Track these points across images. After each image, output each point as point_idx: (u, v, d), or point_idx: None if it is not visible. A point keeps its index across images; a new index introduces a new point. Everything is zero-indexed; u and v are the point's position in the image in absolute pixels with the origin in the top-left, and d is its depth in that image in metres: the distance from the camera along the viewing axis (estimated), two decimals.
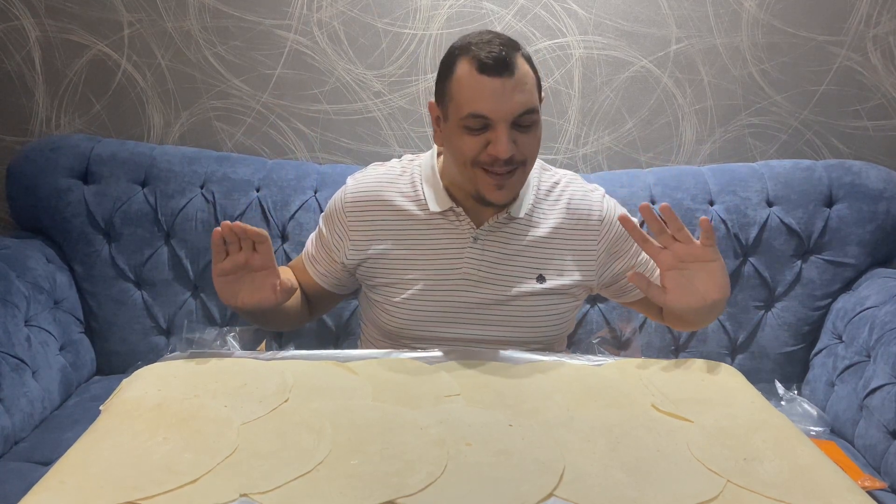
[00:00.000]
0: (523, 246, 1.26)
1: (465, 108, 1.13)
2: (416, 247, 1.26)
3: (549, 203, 1.30)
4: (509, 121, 1.12)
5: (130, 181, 1.72)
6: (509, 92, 1.11)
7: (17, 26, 1.80)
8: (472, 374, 1.05)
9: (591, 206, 1.30)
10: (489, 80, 1.11)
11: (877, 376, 1.43)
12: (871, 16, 1.81)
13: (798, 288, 1.73)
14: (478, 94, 1.11)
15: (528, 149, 1.16)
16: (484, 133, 1.13)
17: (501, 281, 1.25)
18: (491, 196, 1.18)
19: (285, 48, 1.83)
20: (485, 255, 1.25)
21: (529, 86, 1.14)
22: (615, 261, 1.32)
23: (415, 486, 0.77)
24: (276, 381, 0.99)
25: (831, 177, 1.73)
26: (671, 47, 1.84)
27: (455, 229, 1.26)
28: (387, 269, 1.27)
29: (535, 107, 1.15)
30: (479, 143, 1.14)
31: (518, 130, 1.14)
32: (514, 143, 1.13)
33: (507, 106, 1.11)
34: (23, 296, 1.49)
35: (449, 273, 1.25)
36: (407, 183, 1.29)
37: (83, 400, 1.58)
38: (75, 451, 0.83)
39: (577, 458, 0.84)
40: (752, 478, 0.81)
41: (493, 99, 1.11)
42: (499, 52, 1.11)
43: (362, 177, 1.32)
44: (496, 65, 1.10)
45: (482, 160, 1.15)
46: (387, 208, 1.27)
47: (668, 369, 1.09)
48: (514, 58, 1.12)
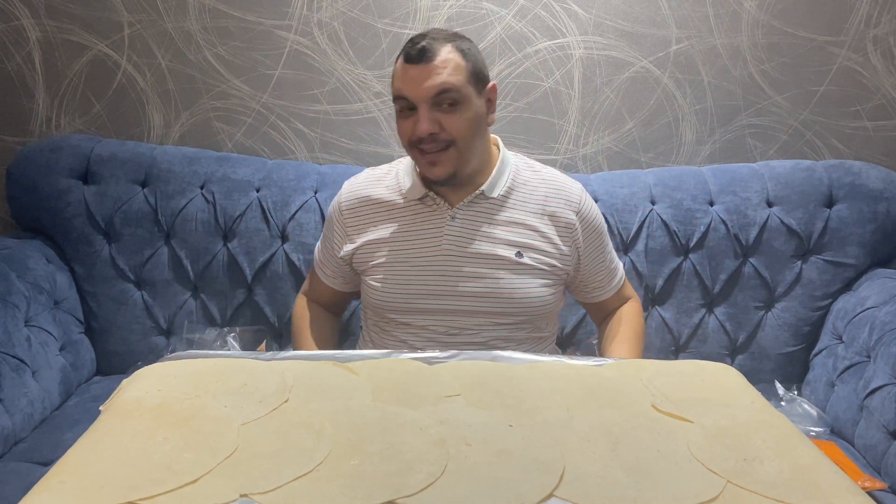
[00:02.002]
0: (501, 224, 1.36)
1: (394, 93, 1.29)
2: (400, 230, 1.37)
3: (529, 188, 1.40)
4: (427, 101, 1.25)
5: (130, 181, 1.72)
6: (426, 75, 1.25)
7: (18, 26, 1.80)
8: (472, 374, 1.05)
9: (569, 195, 1.41)
10: (410, 67, 1.26)
11: (877, 377, 1.43)
12: (872, 16, 1.81)
13: (798, 288, 1.73)
14: (400, 79, 1.27)
15: (454, 127, 1.27)
16: (412, 115, 1.27)
17: (480, 255, 1.34)
18: (427, 172, 1.31)
19: (285, 48, 1.83)
20: (463, 231, 1.35)
21: (450, 69, 1.25)
22: (588, 255, 1.42)
23: (415, 486, 0.77)
24: (277, 382, 0.99)
25: (831, 177, 1.73)
26: (671, 48, 1.84)
27: (433, 212, 1.37)
28: (375, 252, 1.38)
29: (452, 87, 1.25)
30: (410, 125, 1.28)
31: (440, 111, 1.26)
32: (437, 123, 1.26)
33: (422, 87, 1.25)
34: (23, 296, 1.49)
35: (431, 250, 1.35)
36: (392, 178, 1.43)
37: (83, 400, 1.58)
38: (75, 451, 0.83)
39: (577, 458, 0.84)
40: (752, 478, 0.81)
41: (411, 82, 1.25)
42: (423, 43, 1.25)
43: (354, 180, 1.47)
44: (416, 54, 1.25)
45: (413, 141, 1.29)
46: (374, 203, 1.41)
47: (668, 369, 1.09)
48: (436, 47, 1.25)
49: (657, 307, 1.75)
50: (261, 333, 1.71)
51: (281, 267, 1.71)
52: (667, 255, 1.73)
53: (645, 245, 1.73)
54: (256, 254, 1.72)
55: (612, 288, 1.48)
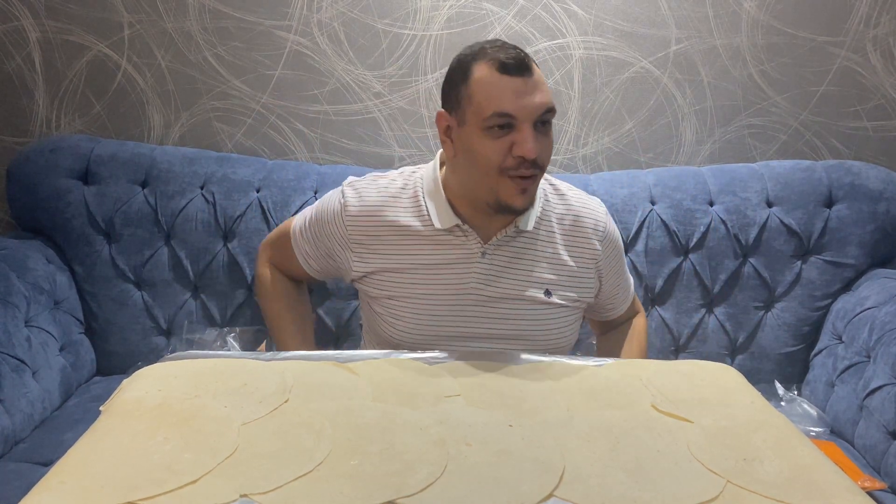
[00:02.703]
0: (530, 259, 1.26)
1: (488, 108, 1.11)
2: (421, 263, 1.24)
3: (557, 216, 1.29)
4: (533, 119, 1.12)
5: (130, 182, 1.72)
6: (531, 90, 1.11)
7: (18, 27, 1.80)
8: (472, 374, 1.05)
9: (596, 221, 1.32)
10: (511, 80, 1.11)
11: (877, 377, 1.43)
12: (871, 16, 1.81)
13: (798, 288, 1.73)
14: (501, 92, 1.11)
15: (546, 153, 1.16)
16: (508, 135, 1.12)
17: (508, 295, 1.24)
18: (514, 202, 1.16)
19: (285, 49, 1.83)
20: (492, 269, 1.24)
21: (546, 86, 1.15)
22: (609, 278, 1.36)
23: (415, 486, 0.77)
24: (277, 382, 0.99)
25: (831, 177, 1.73)
26: (671, 48, 1.85)
27: (462, 245, 1.24)
28: (391, 283, 1.26)
29: (554, 106, 1.15)
30: (504, 147, 1.12)
31: (539, 132, 1.13)
32: (538, 144, 1.12)
33: (531, 104, 1.11)
34: (23, 296, 1.49)
35: (455, 288, 1.24)
36: (409, 198, 1.27)
37: (83, 400, 1.58)
38: (76, 451, 0.83)
39: (576, 458, 0.84)
40: (752, 478, 0.81)
41: (518, 97, 1.11)
42: (516, 53, 1.12)
43: (363, 189, 1.30)
44: (517, 64, 1.11)
45: (508, 165, 1.13)
46: (390, 225, 1.26)
47: (668, 370, 1.09)
48: (529, 60, 1.14)
49: (657, 307, 1.75)
50: (261, 333, 1.71)
51: None
52: (667, 255, 1.73)
53: (645, 245, 1.73)
54: (256, 254, 1.71)
55: (624, 307, 1.44)
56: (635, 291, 1.55)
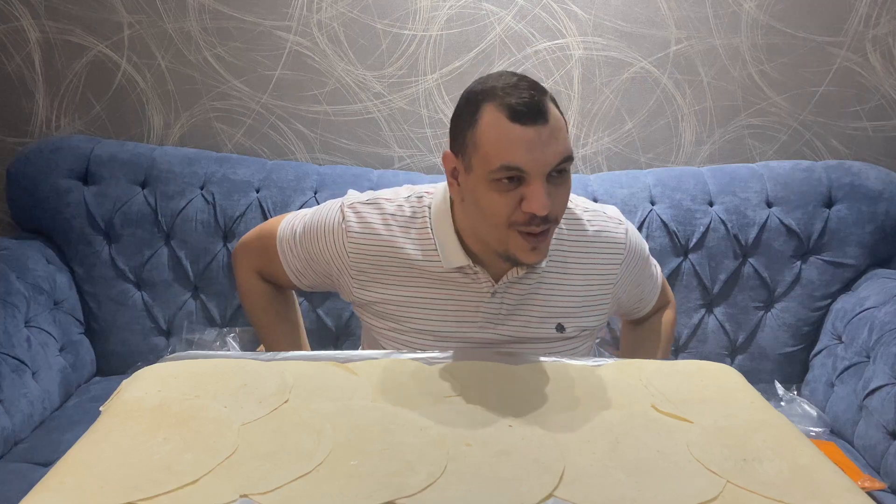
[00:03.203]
0: (542, 295, 1.19)
1: (496, 159, 1.01)
2: (427, 300, 1.18)
3: (569, 244, 1.20)
4: (546, 173, 1.01)
5: (130, 182, 1.72)
6: (545, 141, 1.00)
7: (17, 27, 1.80)
8: (472, 374, 1.05)
9: (615, 247, 1.22)
10: (522, 130, 0.99)
11: (876, 377, 1.43)
12: (871, 16, 1.81)
13: (798, 288, 1.73)
14: (511, 144, 1.00)
15: (561, 205, 1.07)
16: (517, 189, 1.02)
17: (519, 333, 1.19)
18: (525, 258, 1.07)
19: (285, 49, 1.83)
20: (502, 308, 1.18)
21: (563, 132, 1.03)
22: (630, 289, 1.28)
23: (415, 486, 0.77)
24: (276, 382, 0.99)
25: (831, 177, 1.73)
26: (671, 48, 1.85)
27: (471, 283, 1.17)
28: (394, 315, 1.20)
29: (571, 155, 1.04)
30: (512, 201, 1.02)
31: (552, 184, 1.03)
32: (550, 199, 1.02)
33: (543, 157, 1.00)
34: (23, 297, 1.49)
35: (463, 326, 1.18)
36: (418, 230, 1.17)
37: (83, 401, 1.58)
38: (75, 451, 0.83)
39: (576, 458, 0.84)
40: (752, 478, 0.81)
41: (529, 149, 0.99)
42: (530, 97, 1.00)
43: (366, 214, 1.18)
44: (530, 112, 1.00)
45: (517, 220, 1.03)
46: (396, 258, 1.17)
47: (668, 370, 1.09)
48: (545, 103, 1.02)
49: None
50: None
51: None
52: (666, 255, 1.73)
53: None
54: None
55: (652, 304, 1.35)
56: None
